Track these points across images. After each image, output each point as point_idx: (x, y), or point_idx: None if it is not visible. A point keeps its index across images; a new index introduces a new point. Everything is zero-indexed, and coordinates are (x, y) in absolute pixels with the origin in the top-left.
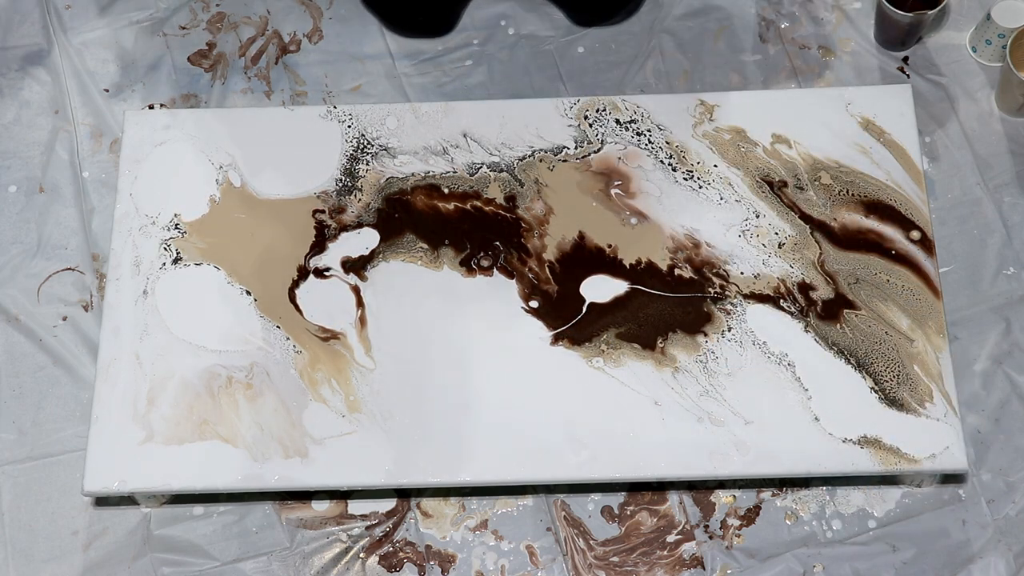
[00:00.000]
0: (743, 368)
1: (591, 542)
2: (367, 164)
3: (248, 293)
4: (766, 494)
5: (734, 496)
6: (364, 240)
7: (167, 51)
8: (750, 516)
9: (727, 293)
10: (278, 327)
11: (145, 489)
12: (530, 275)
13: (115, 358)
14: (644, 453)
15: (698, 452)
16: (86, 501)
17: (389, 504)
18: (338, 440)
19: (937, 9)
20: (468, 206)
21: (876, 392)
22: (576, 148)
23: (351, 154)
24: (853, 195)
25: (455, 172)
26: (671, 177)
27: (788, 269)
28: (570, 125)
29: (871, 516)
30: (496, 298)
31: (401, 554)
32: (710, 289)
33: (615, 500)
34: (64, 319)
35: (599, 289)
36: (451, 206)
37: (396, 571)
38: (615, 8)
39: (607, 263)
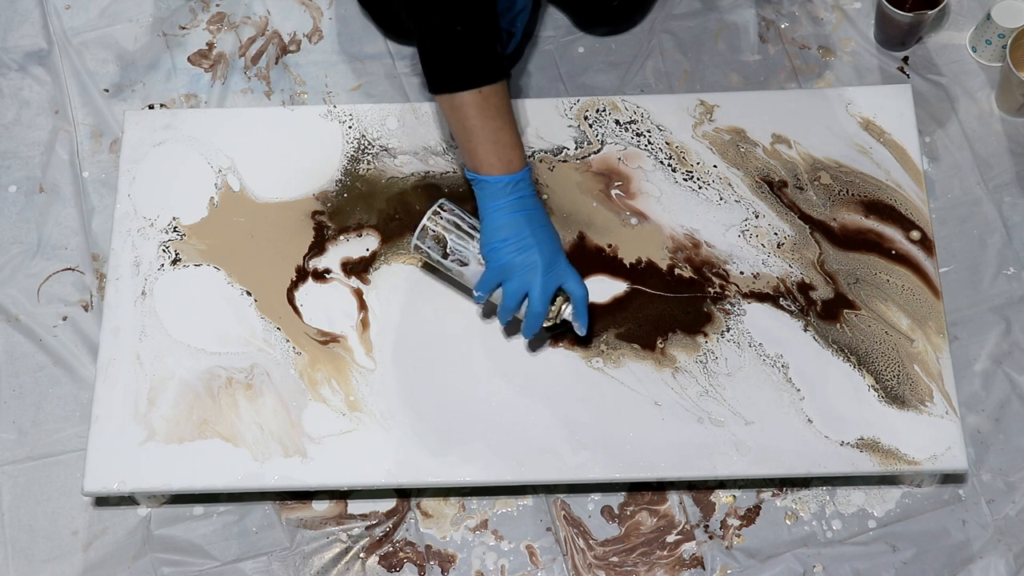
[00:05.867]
0: (742, 368)
1: (591, 542)
2: (367, 164)
3: (248, 294)
4: (766, 494)
5: (734, 496)
6: (364, 242)
7: (167, 51)
8: (750, 516)
9: (727, 293)
10: (278, 328)
11: (145, 489)
12: None
13: (115, 358)
14: (644, 453)
15: (698, 452)
16: (86, 501)
17: (389, 504)
18: (338, 440)
19: (937, 9)
20: (468, 207)
21: (876, 391)
22: (576, 149)
23: (351, 154)
24: (853, 195)
25: (455, 172)
26: (671, 178)
27: (788, 269)
28: (570, 125)
29: (871, 516)
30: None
31: (401, 554)
32: (710, 289)
33: (615, 500)
34: (64, 319)
35: (599, 289)
36: None
37: (396, 571)
38: (621, 16)
39: (607, 263)
